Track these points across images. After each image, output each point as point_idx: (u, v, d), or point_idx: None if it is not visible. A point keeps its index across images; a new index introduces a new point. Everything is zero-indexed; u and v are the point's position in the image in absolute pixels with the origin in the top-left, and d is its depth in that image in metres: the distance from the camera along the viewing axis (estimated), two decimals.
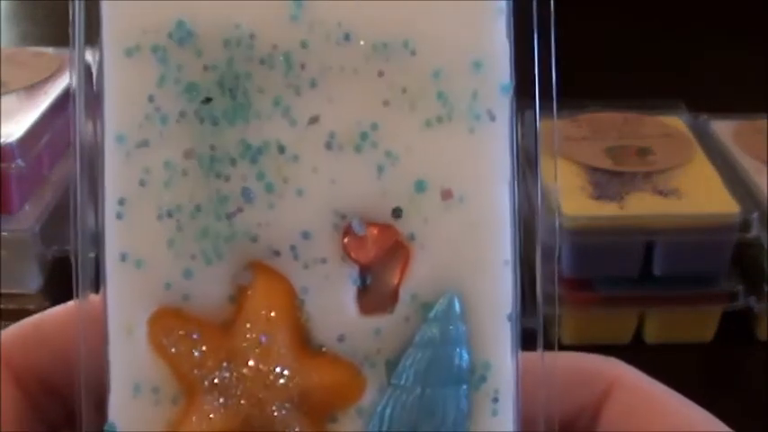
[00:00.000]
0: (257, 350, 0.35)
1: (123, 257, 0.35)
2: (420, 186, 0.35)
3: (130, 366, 0.36)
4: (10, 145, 0.59)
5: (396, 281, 0.36)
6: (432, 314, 0.36)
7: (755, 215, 0.51)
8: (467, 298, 0.36)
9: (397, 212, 0.36)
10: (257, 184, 0.35)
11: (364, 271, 0.35)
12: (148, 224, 0.35)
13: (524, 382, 0.35)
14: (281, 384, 0.35)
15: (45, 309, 0.34)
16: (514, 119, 0.35)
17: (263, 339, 0.35)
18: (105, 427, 0.36)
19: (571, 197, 0.52)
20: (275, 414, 0.35)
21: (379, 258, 0.36)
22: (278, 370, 0.35)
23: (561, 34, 0.32)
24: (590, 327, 0.56)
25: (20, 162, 0.58)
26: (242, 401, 0.35)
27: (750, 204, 0.52)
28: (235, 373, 0.35)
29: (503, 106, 0.35)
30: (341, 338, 0.35)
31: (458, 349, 0.36)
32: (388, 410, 0.36)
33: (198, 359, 0.35)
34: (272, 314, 0.36)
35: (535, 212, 0.33)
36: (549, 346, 0.35)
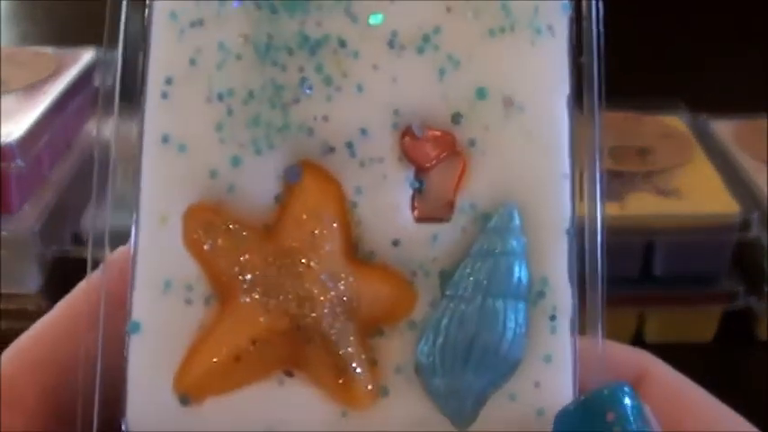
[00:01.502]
0: (307, 247, 0.30)
1: (165, 139, 0.30)
2: (481, 93, 0.32)
3: (161, 260, 0.29)
4: (10, 145, 0.55)
5: (453, 187, 0.32)
6: (491, 224, 0.30)
7: (755, 215, 0.49)
8: (526, 210, 0.30)
9: (456, 118, 0.32)
10: (315, 76, 0.31)
11: (422, 174, 0.30)
12: (196, 106, 0.30)
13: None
14: (333, 287, 0.30)
15: (44, 308, 0.30)
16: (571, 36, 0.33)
17: (316, 233, 0.30)
18: (128, 327, 0.29)
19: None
20: (326, 318, 0.29)
21: (438, 162, 0.32)
22: (328, 271, 0.30)
23: None
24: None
25: (20, 162, 0.55)
26: (290, 300, 0.30)
27: (750, 204, 0.50)
28: (283, 270, 0.30)
29: (562, 23, 0.33)
30: (395, 243, 0.30)
31: (517, 262, 0.32)
32: (444, 321, 0.31)
33: (239, 256, 0.30)
34: (323, 214, 0.31)
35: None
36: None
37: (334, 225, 0.30)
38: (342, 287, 0.29)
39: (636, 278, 0.52)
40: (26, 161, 0.55)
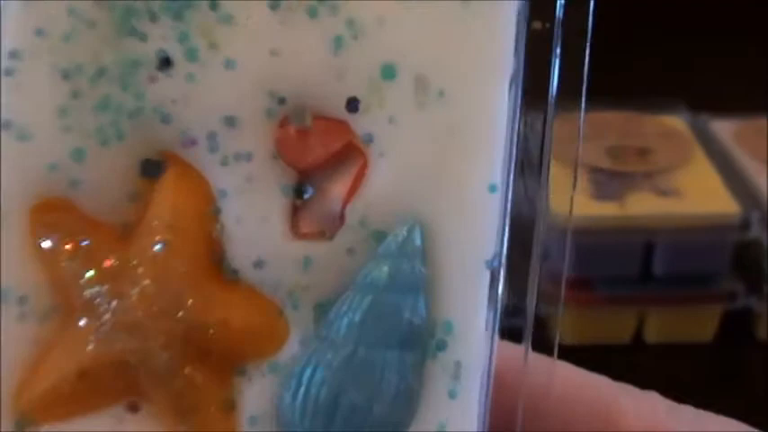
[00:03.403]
0: (149, 264, 0.23)
1: (7, 125, 0.24)
2: (388, 71, 0.23)
3: None
4: None
5: (342, 197, 0.21)
6: (383, 247, 0.21)
7: (755, 215, 0.49)
8: (433, 231, 0.20)
9: (353, 104, 0.23)
10: (177, 47, 0.23)
11: (302, 178, 0.21)
12: (41, 86, 0.23)
13: (503, 373, 0.21)
14: (175, 314, 0.23)
15: None
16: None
17: (159, 249, 0.23)
18: None
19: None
20: (160, 352, 0.23)
21: (323, 163, 0.21)
22: (172, 294, 0.23)
23: None
24: (590, 327, 0.52)
25: None
26: (118, 329, 0.23)
27: (750, 204, 0.49)
28: (116, 288, 0.23)
29: None
30: (259, 264, 0.21)
31: (411, 299, 0.23)
32: (308, 371, 0.22)
33: (80, 267, 0.24)
34: (179, 220, 0.24)
35: (539, 213, 0.21)
36: (547, 350, 0.22)
37: (192, 233, 0.23)
38: (187, 313, 0.22)
39: (636, 278, 0.51)
40: None
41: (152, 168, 0.21)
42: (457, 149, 0.20)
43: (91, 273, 0.21)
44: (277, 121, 0.20)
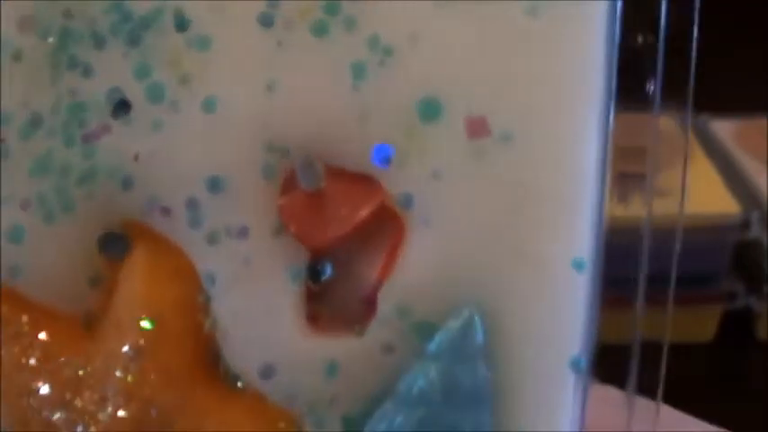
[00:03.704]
0: (119, 380, 0.17)
1: None
2: (430, 109, 0.16)
3: None
4: None
5: (374, 278, 0.16)
6: (433, 345, 0.16)
7: (755, 215, 0.48)
8: (499, 322, 0.15)
9: (383, 154, 0.17)
10: (136, 85, 0.17)
11: (318, 257, 0.16)
12: None
13: None
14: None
15: None
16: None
17: (131, 354, 0.17)
18: None
19: None
20: None
21: (344, 236, 0.16)
22: (153, 414, 0.17)
23: None
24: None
25: None
26: None
27: (750, 204, 0.48)
28: (79, 412, 0.17)
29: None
30: (267, 371, 0.16)
31: (473, 414, 0.17)
32: None
33: (31, 380, 0.18)
34: (154, 313, 0.17)
35: None
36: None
37: (174, 332, 0.17)
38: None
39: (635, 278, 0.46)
40: None
41: (113, 245, 0.15)
42: (529, 213, 0.14)
43: (46, 389, 0.15)
44: (279, 181, 0.14)
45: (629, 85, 0.14)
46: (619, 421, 0.15)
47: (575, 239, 0.14)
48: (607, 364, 0.16)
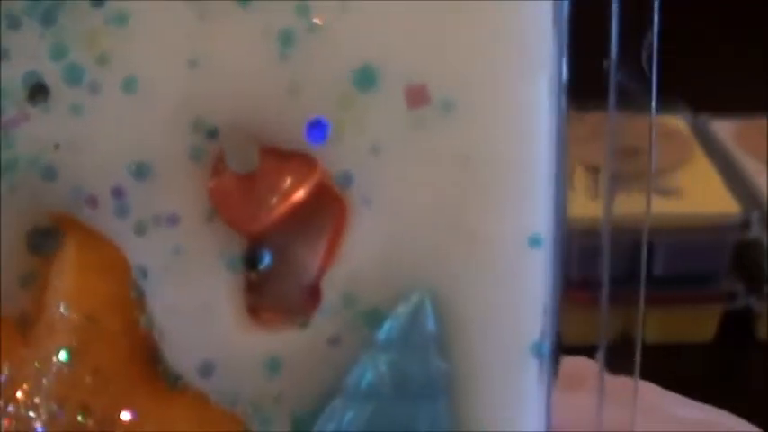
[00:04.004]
0: (56, 379, 0.16)
1: None
2: (365, 77, 0.14)
3: None
4: None
5: (316, 264, 0.14)
6: (382, 334, 0.14)
7: (755, 215, 0.48)
8: (451, 306, 0.14)
9: (318, 129, 0.15)
10: (52, 67, 0.14)
11: (256, 244, 0.14)
12: None
13: None
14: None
15: None
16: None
17: (63, 356, 0.16)
18: None
19: (573, 198, 0.43)
20: None
21: (279, 219, 0.14)
22: (79, 417, 0.16)
23: None
24: (590, 326, 0.51)
25: None
26: None
27: (750, 204, 0.48)
28: (10, 417, 0.16)
29: None
30: (206, 368, 0.14)
31: (428, 407, 0.15)
32: None
33: None
34: (86, 310, 0.16)
35: None
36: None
37: (108, 330, 0.16)
38: None
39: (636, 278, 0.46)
40: None
41: (41, 240, 0.14)
42: (477, 187, 0.12)
43: None
44: (208, 164, 0.13)
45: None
46: (590, 402, 0.13)
47: (529, 214, 0.13)
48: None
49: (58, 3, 0.14)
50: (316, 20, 0.13)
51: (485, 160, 0.13)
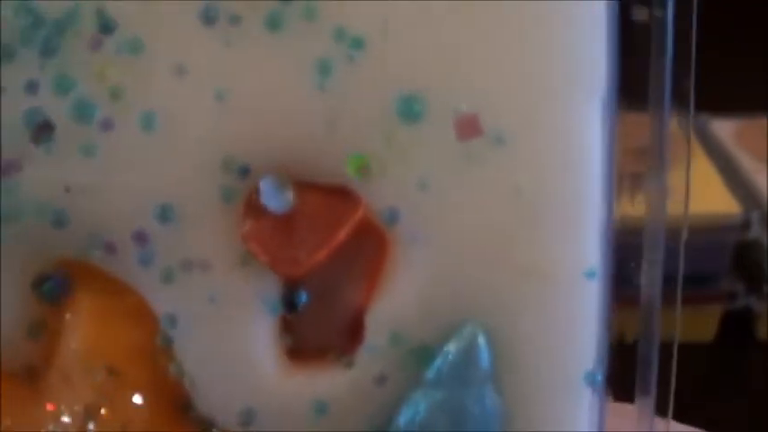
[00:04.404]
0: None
1: None
2: (410, 109, 0.13)
3: None
4: None
5: (358, 303, 0.14)
6: (432, 372, 0.13)
7: (755, 215, 0.47)
8: (505, 342, 0.13)
9: (360, 165, 0.14)
10: (57, 102, 0.13)
11: (292, 283, 0.13)
12: None
13: None
14: None
15: None
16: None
17: (84, 412, 0.14)
18: None
19: None
20: None
21: (320, 261, 0.13)
22: None
23: None
24: None
25: None
26: None
27: (750, 204, 0.48)
28: None
29: None
30: (247, 418, 0.13)
31: None
32: None
33: None
34: (108, 362, 0.15)
35: None
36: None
37: (132, 383, 0.14)
38: None
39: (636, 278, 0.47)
40: None
41: (50, 288, 0.13)
42: (529, 221, 0.12)
43: None
44: (240, 204, 0.12)
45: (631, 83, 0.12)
46: None
47: (584, 247, 0.12)
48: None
49: (59, 30, 0.12)
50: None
51: (538, 194, 0.12)
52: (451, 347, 0.13)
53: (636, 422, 0.13)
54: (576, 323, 0.13)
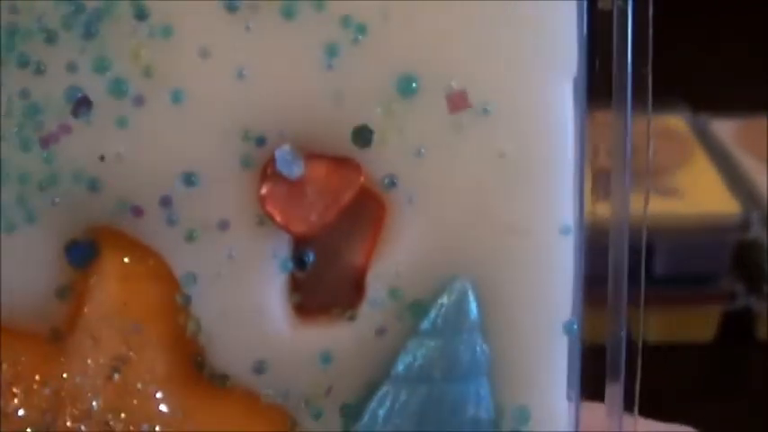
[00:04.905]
0: (104, 389, 0.16)
1: None
2: (407, 85, 0.14)
3: None
4: None
5: (363, 261, 0.15)
6: (427, 323, 0.15)
7: (755, 215, 0.47)
8: (490, 293, 0.15)
9: (363, 135, 0.16)
10: (96, 80, 0.14)
11: (301, 243, 0.15)
12: None
13: None
14: None
15: None
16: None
17: (110, 366, 0.16)
18: None
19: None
20: None
21: (329, 222, 0.15)
22: (140, 422, 0.16)
23: None
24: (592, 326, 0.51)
25: None
26: None
27: (750, 204, 0.48)
28: (59, 422, 0.16)
29: None
30: (259, 368, 0.15)
31: (474, 387, 0.17)
32: None
33: (4, 404, 0.16)
34: (132, 321, 0.16)
35: None
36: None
37: (156, 337, 0.16)
38: None
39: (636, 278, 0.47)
40: None
41: (80, 253, 0.14)
42: (512, 184, 0.14)
43: (21, 412, 0.14)
44: (257, 170, 0.13)
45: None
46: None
47: (560, 205, 0.14)
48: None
49: (98, 17, 0.14)
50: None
51: (519, 158, 0.14)
52: (444, 300, 0.14)
53: (605, 420, 0.14)
54: (554, 276, 0.14)
